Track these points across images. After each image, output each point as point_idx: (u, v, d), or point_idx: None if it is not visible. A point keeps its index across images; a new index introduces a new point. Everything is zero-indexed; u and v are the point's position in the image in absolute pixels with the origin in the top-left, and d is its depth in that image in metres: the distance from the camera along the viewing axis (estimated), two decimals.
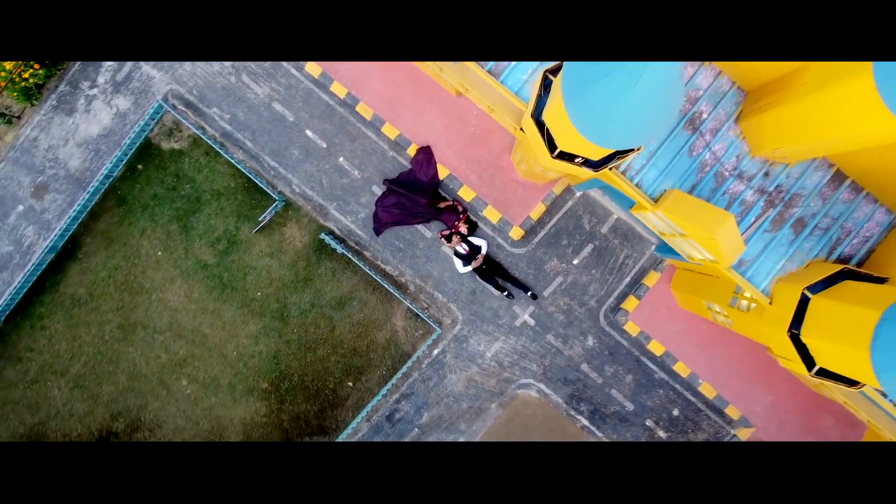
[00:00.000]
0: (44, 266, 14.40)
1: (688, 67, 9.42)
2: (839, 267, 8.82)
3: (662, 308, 14.38)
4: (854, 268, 8.88)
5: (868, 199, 9.41)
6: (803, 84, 7.64)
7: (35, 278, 14.42)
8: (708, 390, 14.38)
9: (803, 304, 8.68)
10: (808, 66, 7.74)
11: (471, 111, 13.97)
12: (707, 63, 9.43)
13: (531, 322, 14.49)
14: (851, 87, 6.61)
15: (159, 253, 14.63)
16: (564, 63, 7.01)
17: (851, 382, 8.56)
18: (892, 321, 6.99)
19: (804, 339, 8.61)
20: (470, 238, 13.93)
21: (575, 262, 14.38)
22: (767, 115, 8.56)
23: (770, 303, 9.42)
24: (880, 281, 8.60)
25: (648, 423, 14.61)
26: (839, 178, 9.39)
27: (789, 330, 8.70)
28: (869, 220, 9.43)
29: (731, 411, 14.38)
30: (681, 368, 14.39)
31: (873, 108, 6.39)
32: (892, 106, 6.19)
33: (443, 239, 14.06)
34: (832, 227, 9.46)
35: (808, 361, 8.74)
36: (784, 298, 9.06)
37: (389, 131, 14.27)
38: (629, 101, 6.16)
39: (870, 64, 6.26)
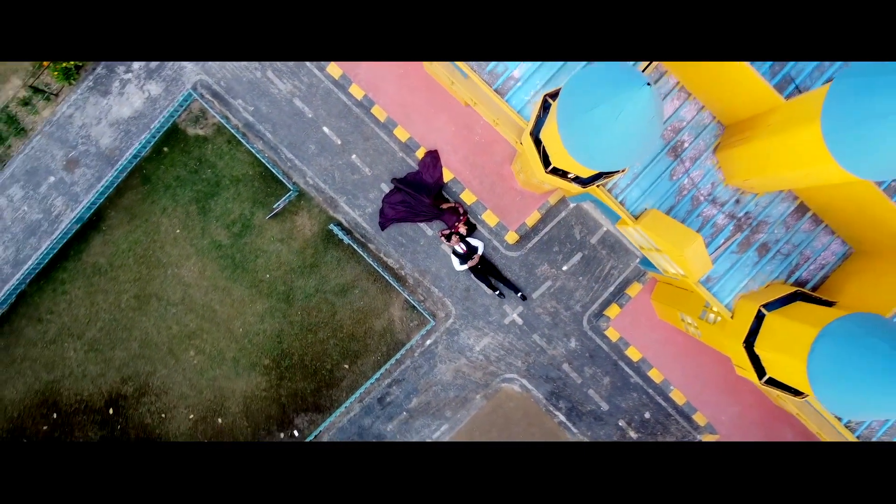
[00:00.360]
0: (69, 235, 15.42)
1: (674, 100, 10.47)
2: (794, 289, 9.87)
3: (642, 318, 15.43)
4: (807, 291, 9.94)
5: (826, 231, 10.47)
6: (769, 125, 8.69)
7: (60, 246, 15.43)
8: (678, 397, 15.44)
9: (759, 319, 9.72)
10: (774, 110, 8.79)
11: (477, 121, 15.02)
12: (692, 97, 10.48)
13: (519, 321, 15.54)
14: (805, 133, 7.65)
15: (178, 231, 15.66)
16: (560, 92, 8.06)
17: (796, 392, 9.60)
18: (827, 337, 8.04)
19: (757, 350, 9.66)
20: (468, 238, 14.97)
21: (564, 268, 15.42)
22: (740, 149, 9.62)
23: (732, 317, 10.48)
24: (829, 304, 9.64)
25: (621, 423, 15.66)
26: (802, 210, 10.45)
27: (745, 341, 9.75)
28: (826, 249, 10.49)
29: (699, 418, 15.44)
30: (655, 374, 15.45)
31: (820, 152, 7.44)
32: (835, 152, 7.23)
33: (443, 238, 15.10)
34: (793, 253, 10.51)
35: (760, 371, 9.78)
36: (744, 313, 10.11)
37: (401, 134, 15.32)
38: (611, 132, 7.21)
39: (819, 114, 7.31)
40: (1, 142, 15.35)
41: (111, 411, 15.85)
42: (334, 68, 15.36)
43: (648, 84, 6.69)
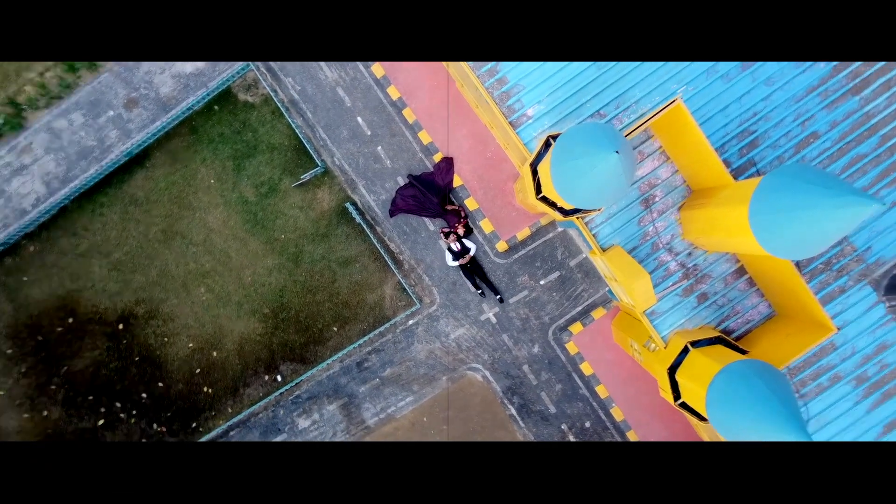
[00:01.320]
0: (116, 165, 17.32)
1: (654, 160, 12.48)
2: (719, 334, 11.91)
3: (600, 339, 17.45)
4: (729, 338, 11.97)
5: (757, 293, 12.50)
6: (718, 198, 10.70)
7: (107, 173, 17.33)
8: (618, 413, 17.48)
9: (685, 352, 11.75)
10: (725, 187, 10.81)
11: (492, 141, 17.02)
12: (669, 160, 12.50)
13: (493, 320, 17.56)
14: (738, 211, 9.65)
15: (212, 181, 17.59)
16: (556, 141, 10.05)
17: (701, 417, 11.62)
18: (724, 373, 10.06)
19: (677, 377, 11.69)
20: (464, 239, 16.96)
21: (542, 282, 17.43)
22: (696, 212, 11.63)
23: (665, 347, 12.51)
24: (743, 352, 11.66)
25: (564, 427, 17.71)
26: (741, 272, 12.48)
27: (669, 368, 11.78)
28: (754, 308, 12.52)
29: (632, 435, 17.49)
30: (601, 390, 17.48)
31: (746, 229, 9.45)
32: (754, 231, 9.24)
33: (442, 235, 17.10)
34: (726, 306, 12.54)
35: (676, 394, 11.82)
36: (675, 346, 12.13)
37: (424, 137, 17.30)
38: (585, 181, 9.21)
39: (749, 198, 9.31)
40: (73, 71, 17.26)
41: (121, 326, 17.79)
42: (378, 68, 17.31)
43: (617, 152, 8.69)
